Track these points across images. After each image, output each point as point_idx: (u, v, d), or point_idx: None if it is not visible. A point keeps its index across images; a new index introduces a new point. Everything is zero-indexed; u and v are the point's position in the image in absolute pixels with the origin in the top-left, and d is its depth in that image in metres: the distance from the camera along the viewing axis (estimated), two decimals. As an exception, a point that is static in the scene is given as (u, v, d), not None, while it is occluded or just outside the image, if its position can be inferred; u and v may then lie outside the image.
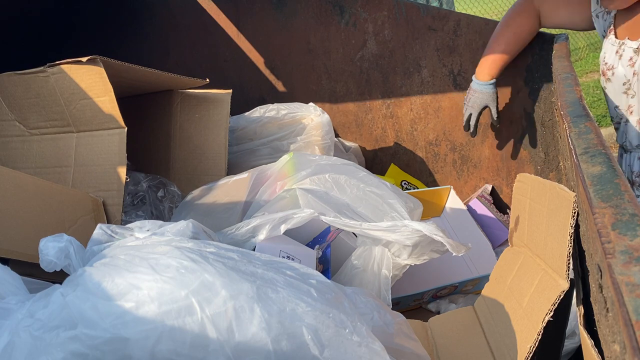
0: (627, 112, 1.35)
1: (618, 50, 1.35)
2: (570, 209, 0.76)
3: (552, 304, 0.77)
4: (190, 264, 0.67)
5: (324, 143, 1.72)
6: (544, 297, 0.80)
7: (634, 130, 1.35)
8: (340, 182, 1.29)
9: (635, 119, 1.34)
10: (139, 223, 0.80)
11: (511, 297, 0.93)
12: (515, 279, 0.95)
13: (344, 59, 1.95)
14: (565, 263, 0.76)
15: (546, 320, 0.77)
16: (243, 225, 1.13)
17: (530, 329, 0.80)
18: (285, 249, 1.12)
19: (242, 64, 2.14)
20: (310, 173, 1.31)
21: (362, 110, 1.99)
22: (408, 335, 0.83)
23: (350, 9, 1.87)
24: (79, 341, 0.62)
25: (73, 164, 1.38)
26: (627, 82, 1.34)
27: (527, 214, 0.94)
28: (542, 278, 0.84)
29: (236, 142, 1.78)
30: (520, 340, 0.84)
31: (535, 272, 0.87)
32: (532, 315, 0.81)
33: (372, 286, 1.17)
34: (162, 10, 2.27)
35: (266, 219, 1.12)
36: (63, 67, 1.32)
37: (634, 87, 1.32)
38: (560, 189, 0.80)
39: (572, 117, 0.94)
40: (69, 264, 0.73)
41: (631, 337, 0.45)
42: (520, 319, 0.86)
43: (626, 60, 1.33)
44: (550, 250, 0.83)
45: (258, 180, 1.41)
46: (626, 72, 1.34)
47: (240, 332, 0.64)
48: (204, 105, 1.66)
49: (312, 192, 1.24)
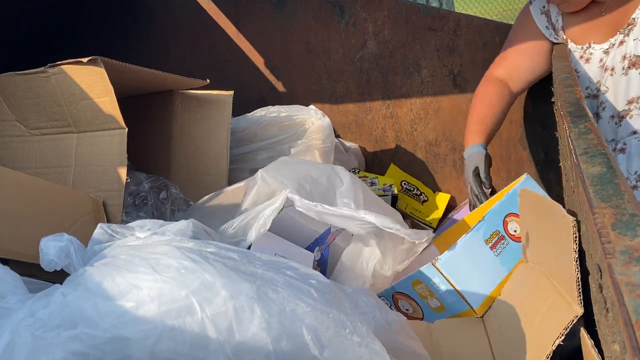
0: (600, 108, 1.36)
1: (583, 55, 1.36)
2: (571, 234, 0.75)
3: (565, 328, 0.76)
4: (191, 264, 0.67)
5: (325, 147, 1.72)
6: (556, 319, 0.79)
7: (606, 125, 1.37)
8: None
9: (607, 114, 1.36)
10: (140, 222, 0.80)
11: (522, 313, 0.92)
12: (528, 296, 0.94)
13: (344, 59, 1.95)
14: (576, 288, 0.76)
15: (557, 343, 0.77)
16: (228, 227, 1.12)
17: (540, 350, 0.80)
18: (280, 252, 1.12)
19: (242, 64, 2.14)
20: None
21: (362, 111, 1.99)
22: (409, 334, 0.83)
23: (350, 9, 1.87)
24: (80, 341, 0.62)
25: (73, 164, 1.38)
26: (595, 84, 1.35)
27: (535, 231, 0.93)
28: (555, 299, 0.83)
29: (236, 144, 1.78)
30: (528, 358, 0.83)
31: (549, 293, 0.86)
32: (543, 335, 0.81)
33: (357, 283, 1.19)
34: (162, 10, 2.27)
35: (248, 216, 1.12)
36: (64, 67, 1.32)
37: (607, 82, 1.33)
38: (560, 213, 0.79)
39: (572, 117, 0.94)
40: (70, 264, 0.73)
41: (631, 337, 0.45)
42: (530, 337, 0.85)
43: (596, 62, 1.35)
44: (561, 272, 0.82)
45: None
46: (594, 74, 1.35)
47: (241, 332, 0.64)
48: (205, 106, 1.66)
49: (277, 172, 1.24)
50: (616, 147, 1.37)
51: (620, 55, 1.30)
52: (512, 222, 1.18)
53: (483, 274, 1.12)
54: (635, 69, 1.28)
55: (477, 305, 1.10)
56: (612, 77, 1.32)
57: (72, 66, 1.31)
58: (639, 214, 0.59)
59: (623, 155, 1.36)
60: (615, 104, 1.34)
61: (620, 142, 1.36)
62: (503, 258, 1.14)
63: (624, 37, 1.29)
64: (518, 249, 1.13)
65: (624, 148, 1.35)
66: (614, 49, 1.31)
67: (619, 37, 1.30)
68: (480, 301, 1.10)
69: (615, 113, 1.35)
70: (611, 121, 1.36)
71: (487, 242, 1.16)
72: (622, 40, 1.30)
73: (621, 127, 1.35)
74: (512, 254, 1.14)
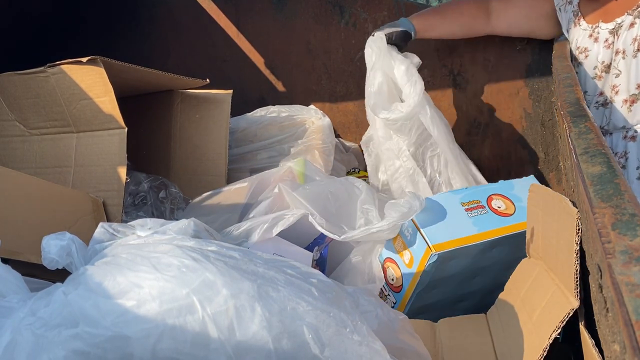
0: (612, 92, 1.36)
1: (592, 34, 1.37)
2: (574, 225, 0.75)
3: (561, 321, 0.76)
4: (192, 263, 0.68)
5: (325, 147, 1.72)
6: (553, 313, 0.79)
7: (618, 111, 1.36)
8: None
9: (621, 98, 1.35)
10: (141, 221, 0.80)
11: (523, 309, 0.92)
12: (528, 291, 0.94)
13: (344, 59, 1.95)
14: (574, 281, 0.76)
15: (553, 337, 0.76)
16: (234, 229, 1.13)
17: (537, 345, 0.80)
18: (279, 251, 1.12)
19: (242, 64, 2.14)
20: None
21: (362, 110, 1.99)
22: (411, 333, 0.83)
23: (350, 9, 1.87)
24: (81, 339, 0.62)
25: (73, 164, 1.38)
26: (601, 64, 1.35)
27: (541, 226, 0.93)
28: (554, 293, 0.83)
29: (236, 144, 1.78)
30: (527, 355, 0.83)
31: (549, 287, 0.86)
32: (541, 330, 0.81)
33: (367, 276, 1.20)
34: (162, 10, 2.27)
35: (258, 221, 1.13)
36: (63, 67, 1.32)
37: (619, 66, 1.33)
38: (566, 203, 0.79)
39: (572, 117, 0.94)
40: (71, 262, 0.73)
41: (631, 337, 0.45)
42: (529, 333, 0.85)
43: (602, 42, 1.35)
44: (561, 265, 0.82)
45: (258, 187, 1.41)
46: (601, 55, 1.35)
47: (241, 330, 0.64)
48: (204, 105, 1.66)
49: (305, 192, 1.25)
50: (627, 134, 1.36)
51: (630, 37, 1.29)
52: (498, 200, 1.20)
53: (449, 223, 1.15)
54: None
55: (434, 242, 1.11)
56: (624, 60, 1.32)
57: (72, 66, 1.31)
58: (639, 213, 0.59)
59: (634, 143, 1.35)
60: (628, 88, 1.33)
61: (631, 130, 1.35)
62: (476, 220, 1.16)
63: (635, 18, 1.29)
64: (497, 221, 1.14)
65: (635, 136, 1.34)
66: (624, 31, 1.30)
67: (627, 19, 1.30)
68: (439, 240, 1.11)
69: (628, 97, 1.34)
70: (624, 105, 1.34)
71: (463, 204, 1.19)
72: (632, 22, 1.29)
73: (631, 113, 1.34)
74: (488, 220, 1.16)
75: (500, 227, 1.15)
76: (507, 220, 1.17)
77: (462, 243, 1.12)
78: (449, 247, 1.11)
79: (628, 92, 1.33)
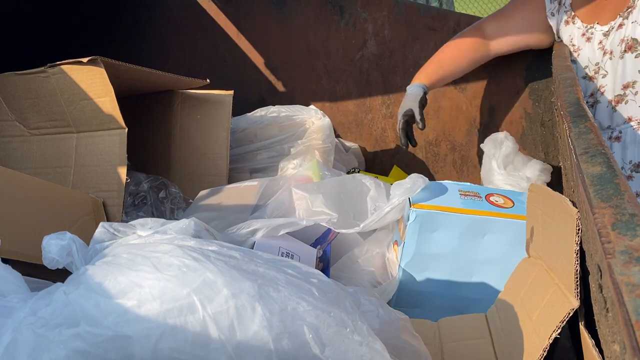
0: (598, 92, 1.36)
1: (585, 33, 1.37)
2: (574, 225, 0.75)
3: (561, 321, 0.76)
4: (192, 263, 0.68)
5: (325, 147, 1.73)
6: (553, 313, 0.79)
7: (604, 111, 1.36)
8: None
9: (607, 99, 1.35)
10: (142, 221, 0.80)
11: (522, 309, 0.92)
12: (528, 291, 0.94)
13: (344, 59, 1.95)
14: (574, 281, 0.76)
15: (553, 337, 0.76)
16: (244, 227, 1.14)
17: (537, 345, 0.79)
18: (284, 246, 1.12)
19: (242, 64, 2.14)
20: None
21: (362, 111, 1.99)
22: (411, 333, 0.83)
23: (350, 9, 1.88)
24: (82, 339, 0.62)
25: (73, 165, 1.38)
26: (593, 65, 1.36)
27: (541, 225, 0.93)
28: (554, 293, 0.83)
29: (236, 144, 1.78)
30: (527, 355, 0.83)
31: (548, 287, 0.86)
32: (540, 330, 0.80)
33: (377, 267, 1.25)
34: (162, 10, 2.27)
35: (267, 223, 1.14)
36: (63, 67, 1.32)
37: (606, 66, 1.33)
38: (566, 203, 0.79)
39: (572, 117, 0.94)
40: (72, 262, 0.73)
41: (631, 337, 0.45)
42: (528, 333, 0.85)
43: (596, 43, 1.35)
44: (561, 265, 0.82)
45: (268, 189, 1.42)
46: (593, 55, 1.35)
47: (242, 330, 0.64)
48: (205, 105, 1.66)
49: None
50: (612, 135, 1.36)
51: (618, 38, 1.29)
52: (498, 197, 1.22)
53: (439, 199, 1.19)
54: (631, 53, 1.27)
55: (415, 202, 1.16)
56: (611, 61, 1.32)
57: (72, 66, 1.31)
58: (639, 214, 0.59)
59: (618, 143, 1.35)
60: (613, 89, 1.33)
61: (615, 130, 1.35)
62: (467, 202, 1.19)
63: (623, 20, 1.29)
64: (489, 206, 1.17)
65: (619, 136, 1.34)
66: (613, 32, 1.31)
67: (618, 20, 1.30)
68: (421, 202, 1.16)
69: (613, 98, 1.34)
70: (609, 106, 1.35)
71: (460, 191, 1.23)
72: (621, 24, 1.29)
73: (616, 113, 1.34)
74: (479, 205, 1.18)
75: (490, 211, 1.17)
76: (500, 209, 1.19)
77: (444, 210, 1.15)
78: (429, 208, 1.15)
79: (614, 93, 1.33)
